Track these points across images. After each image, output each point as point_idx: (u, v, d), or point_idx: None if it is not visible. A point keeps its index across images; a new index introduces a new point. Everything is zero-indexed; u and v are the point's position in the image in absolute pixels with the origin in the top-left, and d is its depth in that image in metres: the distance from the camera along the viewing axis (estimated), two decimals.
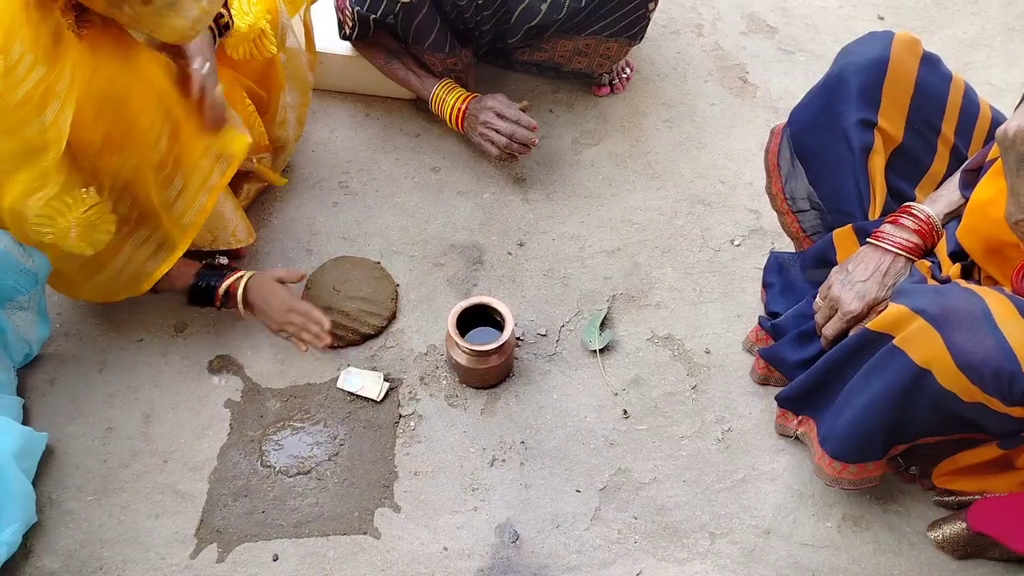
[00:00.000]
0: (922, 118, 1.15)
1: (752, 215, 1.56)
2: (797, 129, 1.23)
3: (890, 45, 1.11)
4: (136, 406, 1.30)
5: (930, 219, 1.11)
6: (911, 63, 1.12)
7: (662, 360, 1.39)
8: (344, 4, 1.45)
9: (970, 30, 1.87)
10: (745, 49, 1.81)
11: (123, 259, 1.21)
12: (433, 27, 1.45)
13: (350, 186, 1.57)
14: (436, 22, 1.44)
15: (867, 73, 1.12)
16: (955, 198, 1.11)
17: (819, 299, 1.17)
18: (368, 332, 1.38)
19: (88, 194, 1.08)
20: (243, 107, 1.34)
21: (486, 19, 1.49)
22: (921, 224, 1.11)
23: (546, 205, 1.57)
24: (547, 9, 1.43)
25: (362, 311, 1.39)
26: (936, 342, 0.95)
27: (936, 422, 1.05)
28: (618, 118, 1.68)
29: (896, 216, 1.13)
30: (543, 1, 1.42)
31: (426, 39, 1.46)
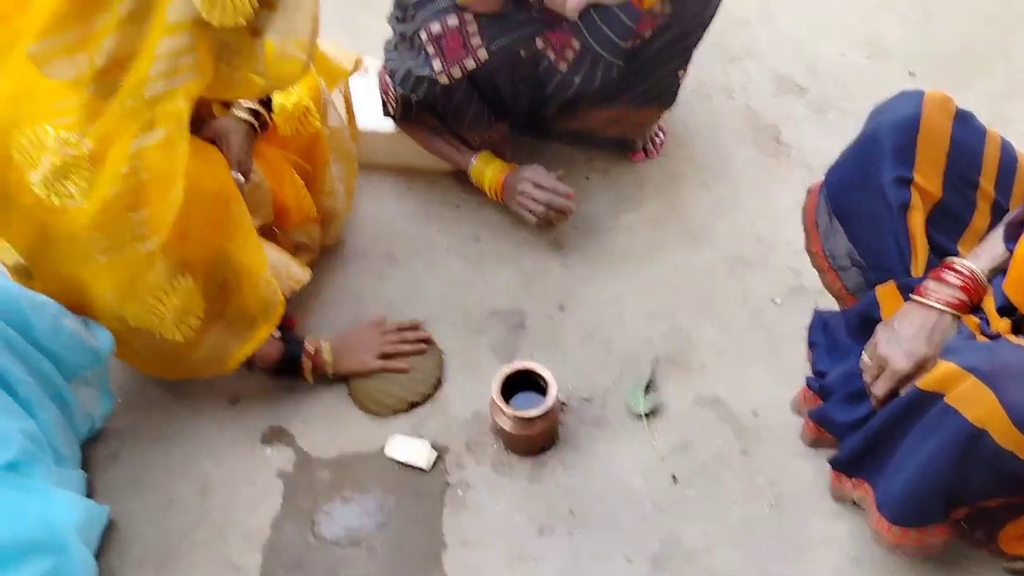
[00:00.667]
0: (959, 174, 1.15)
1: (793, 273, 1.56)
2: (834, 188, 1.24)
3: (921, 103, 1.13)
4: (193, 478, 1.34)
5: (974, 274, 1.10)
6: (944, 120, 1.13)
7: (709, 423, 1.38)
8: (388, 87, 1.53)
9: (1002, 82, 1.88)
10: (776, 110, 1.84)
11: (210, 343, 1.25)
12: (471, 105, 1.51)
13: (395, 257, 1.62)
14: (473, 100, 1.51)
15: (900, 132, 1.13)
16: (999, 251, 1.11)
17: (866, 358, 1.16)
18: (415, 400, 1.40)
19: (184, 281, 1.14)
20: (292, 182, 1.41)
21: (522, 94, 1.56)
22: (965, 279, 1.10)
23: (585, 269, 1.59)
24: (580, 82, 1.48)
25: (409, 379, 1.42)
26: (990, 400, 0.94)
27: (996, 483, 1.02)
28: (654, 182, 1.72)
29: (939, 272, 1.12)
30: (576, 75, 1.48)
31: (465, 116, 1.52)
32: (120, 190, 1.02)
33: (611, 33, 1.40)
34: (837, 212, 1.24)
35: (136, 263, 1.08)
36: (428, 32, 1.38)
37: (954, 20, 2.02)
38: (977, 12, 2.03)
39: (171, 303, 1.14)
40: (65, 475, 1.25)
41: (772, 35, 1.99)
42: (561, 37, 1.44)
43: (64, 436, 1.26)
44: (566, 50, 1.45)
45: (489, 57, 1.41)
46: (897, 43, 1.98)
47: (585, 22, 1.39)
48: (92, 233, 1.04)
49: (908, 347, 1.10)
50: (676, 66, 1.53)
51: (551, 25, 1.43)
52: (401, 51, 1.48)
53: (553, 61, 1.47)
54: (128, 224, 1.05)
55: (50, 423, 1.22)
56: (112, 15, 0.95)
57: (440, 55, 1.40)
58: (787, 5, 2.07)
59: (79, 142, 1.00)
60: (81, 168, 1.01)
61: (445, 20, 1.38)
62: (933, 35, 1.99)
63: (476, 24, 1.38)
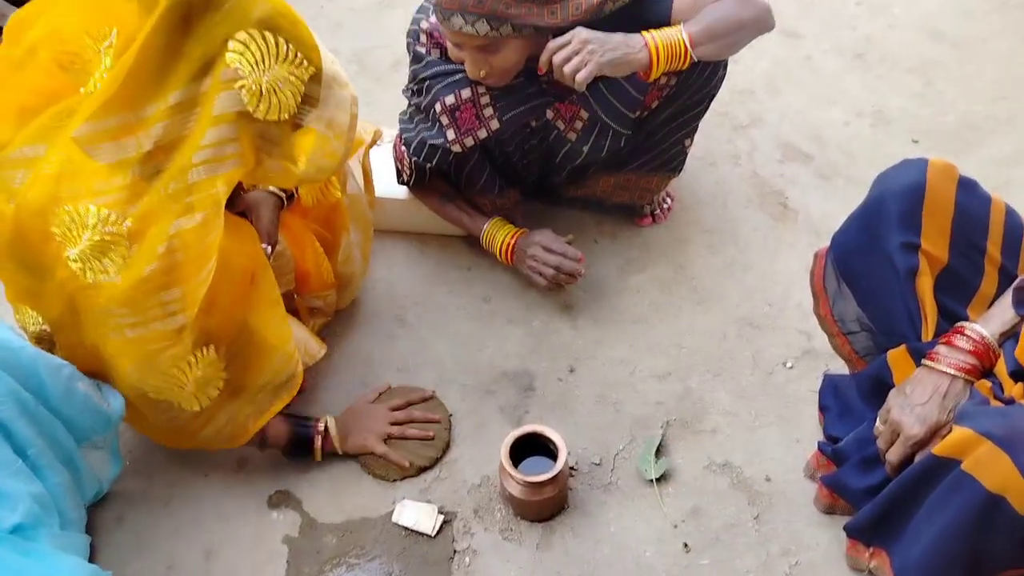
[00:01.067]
0: (966, 240, 1.15)
1: (803, 336, 1.55)
2: (840, 253, 1.25)
3: (925, 171, 1.14)
4: (198, 542, 1.32)
5: (984, 339, 1.09)
6: (948, 187, 1.15)
7: (721, 488, 1.35)
8: (402, 155, 1.58)
9: (1005, 149, 1.91)
10: (783, 176, 1.87)
11: (225, 416, 1.24)
12: (483, 172, 1.56)
13: (405, 319, 1.64)
14: (486, 167, 1.55)
15: (905, 198, 1.14)
16: (1008, 317, 1.10)
17: (879, 424, 1.14)
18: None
19: (208, 352, 1.15)
20: (312, 249, 1.44)
21: (532, 162, 1.60)
22: (976, 344, 1.09)
23: (595, 331, 1.60)
24: (589, 150, 1.52)
25: (418, 443, 1.41)
26: (1006, 466, 0.92)
27: (1018, 552, 0.99)
28: (661, 246, 1.74)
29: (949, 337, 1.12)
30: (585, 143, 1.52)
31: (477, 183, 1.56)
32: (155, 269, 1.04)
33: (619, 104, 1.44)
34: (845, 276, 1.24)
35: (163, 338, 1.10)
36: (442, 104, 1.44)
37: (955, 90, 2.07)
38: (978, 82, 2.08)
39: (193, 374, 1.15)
40: (70, 539, 1.24)
41: (777, 105, 2.05)
42: (570, 108, 1.49)
43: (71, 500, 1.25)
44: (575, 120, 1.50)
45: (500, 127, 1.46)
46: (900, 112, 2.02)
47: (593, 94, 1.44)
48: (122, 308, 1.06)
49: (921, 413, 1.09)
50: (683, 135, 1.57)
51: (560, 96, 1.48)
52: (416, 122, 1.53)
53: (563, 131, 1.52)
54: (159, 302, 1.07)
55: (59, 487, 1.21)
56: (163, 103, 0.99)
57: (454, 125, 1.45)
58: (791, 76, 2.13)
59: (120, 221, 1.03)
60: (120, 246, 1.04)
61: (459, 93, 1.43)
62: (935, 104, 2.04)
63: (488, 96, 1.43)
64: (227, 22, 0.97)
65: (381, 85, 2.17)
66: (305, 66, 1.02)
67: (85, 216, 1.02)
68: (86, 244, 1.02)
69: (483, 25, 1.27)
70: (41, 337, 1.16)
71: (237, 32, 0.98)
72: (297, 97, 1.03)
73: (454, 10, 1.28)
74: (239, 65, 0.98)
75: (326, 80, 1.05)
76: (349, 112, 1.09)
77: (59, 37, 1.05)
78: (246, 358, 1.22)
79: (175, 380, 1.14)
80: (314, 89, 1.05)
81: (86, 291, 1.06)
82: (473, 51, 1.34)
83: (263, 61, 0.99)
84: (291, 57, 1.01)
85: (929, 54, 2.16)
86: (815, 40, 2.23)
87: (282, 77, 1.01)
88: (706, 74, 1.45)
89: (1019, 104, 2.01)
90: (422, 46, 1.47)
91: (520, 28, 1.29)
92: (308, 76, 1.03)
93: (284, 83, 1.01)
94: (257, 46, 0.99)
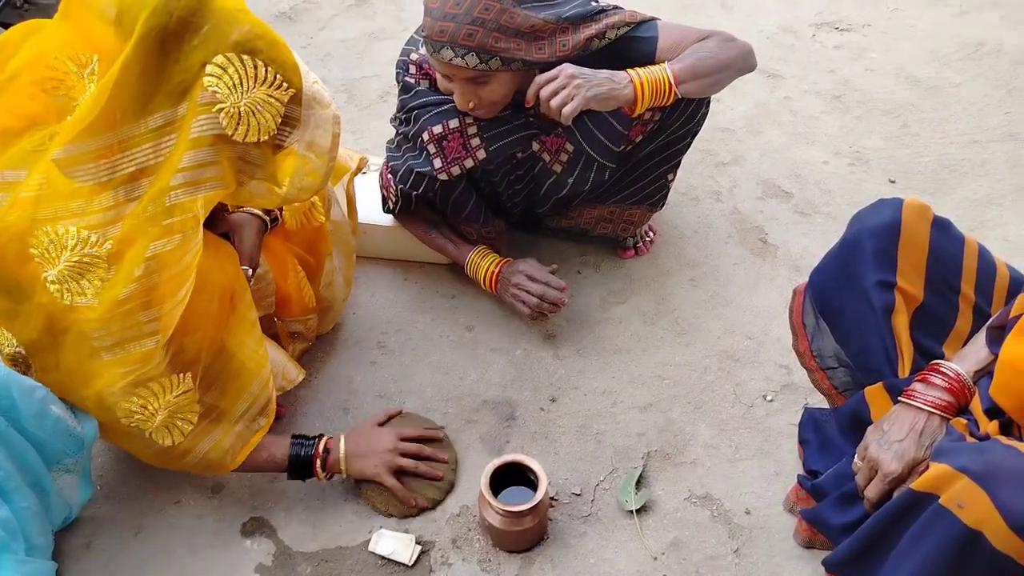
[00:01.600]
0: (940, 278, 1.17)
1: (783, 370, 1.57)
2: (818, 290, 1.26)
3: (900, 210, 1.16)
4: (169, 571, 1.29)
5: (960, 376, 1.11)
6: (923, 227, 1.17)
7: (701, 521, 1.35)
8: (388, 182, 1.59)
9: (980, 191, 1.96)
10: (763, 212, 1.90)
11: (205, 447, 1.22)
12: (469, 201, 1.57)
13: (387, 346, 1.63)
14: (472, 196, 1.57)
15: (881, 237, 1.16)
16: (983, 355, 1.12)
17: (857, 460, 1.15)
18: (425, 506, 1.36)
19: (183, 380, 1.13)
20: (294, 273, 1.44)
21: (517, 192, 1.62)
22: (951, 382, 1.11)
23: (577, 361, 1.60)
24: (573, 182, 1.54)
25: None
26: (983, 501, 0.92)
27: None
28: (644, 278, 1.76)
29: (925, 375, 1.13)
30: (570, 175, 1.54)
31: (462, 211, 1.58)
32: (132, 291, 1.04)
33: (603, 138, 1.47)
34: (823, 313, 1.26)
35: (139, 359, 1.08)
36: (430, 132, 1.45)
37: (931, 132, 2.13)
38: (952, 126, 2.14)
39: (165, 399, 1.12)
40: (35, 566, 1.20)
41: (758, 143, 2.09)
42: (556, 141, 1.51)
43: (39, 525, 1.22)
44: (560, 153, 1.52)
45: (487, 157, 1.48)
46: (877, 152, 2.07)
47: (579, 127, 1.46)
48: (99, 330, 1.05)
49: (899, 450, 1.10)
50: (666, 170, 1.60)
51: (546, 129, 1.51)
52: (403, 150, 1.55)
53: (548, 163, 1.54)
54: (135, 322, 1.06)
55: (25, 511, 1.18)
56: (143, 126, 1.00)
57: (441, 154, 1.47)
58: (771, 116, 2.18)
59: (101, 243, 1.02)
60: (99, 268, 1.03)
61: (447, 122, 1.45)
62: (911, 146, 2.09)
63: (476, 127, 1.45)
64: (204, 46, 0.98)
65: (369, 114, 2.19)
66: (284, 88, 1.03)
67: (64, 237, 1.02)
68: (64, 266, 1.02)
69: (473, 58, 1.30)
70: (16, 359, 1.14)
71: (214, 56, 0.98)
72: (277, 119, 1.03)
73: (444, 43, 1.30)
74: (216, 88, 0.99)
75: (306, 101, 1.06)
76: (331, 132, 1.10)
77: (43, 63, 1.06)
78: (223, 384, 1.21)
79: (146, 404, 1.11)
80: (294, 110, 1.05)
81: (64, 313, 1.05)
82: (463, 83, 1.36)
83: (241, 84, 1.00)
84: (270, 79, 1.01)
85: (905, 98, 2.23)
86: (795, 82, 2.29)
87: (261, 99, 1.01)
88: (689, 111, 1.48)
89: (991, 148, 2.07)
90: (411, 76, 1.49)
91: (509, 62, 1.32)
92: (288, 98, 1.04)
93: (263, 105, 1.02)
94: (235, 69, 0.99)
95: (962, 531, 0.94)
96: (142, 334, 1.06)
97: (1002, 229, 1.86)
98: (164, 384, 1.12)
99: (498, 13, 1.29)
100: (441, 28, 1.29)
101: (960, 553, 0.96)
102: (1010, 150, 2.06)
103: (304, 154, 1.07)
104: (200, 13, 0.98)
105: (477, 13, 1.28)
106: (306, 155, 1.07)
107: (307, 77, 1.06)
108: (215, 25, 0.98)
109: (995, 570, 0.95)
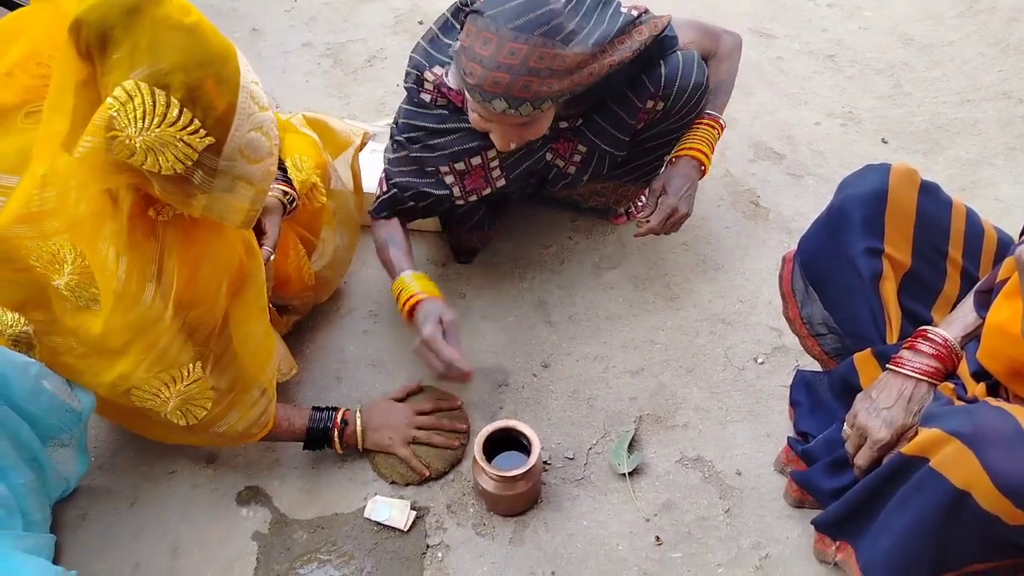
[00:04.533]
0: (928, 244, 1.17)
1: (774, 333, 1.57)
2: (806, 257, 1.26)
3: (887, 176, 1.15)
4: (164, 540, 1.30)
5: (947, 342, 1.11)
6: (910, 193, 1.16)
7: (693, 483, 1.36)
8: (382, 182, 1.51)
9: (972, 150, 1.95)
10: (755, 175, 1.89)
11: (227, 423, 1.21)
12: (477, 213, 1.56)
13: (380, 315, 1.63)
14: (481, 208, 1.55)
15: (868, 204, 1.15)
16: (971, 320, 1.12)
17: (847, 428, 1.16)
18: (432, 476, 1.36)
19: (194, 368, 1.12)
20: (295, 252, 1.43)
21: (526, 193, 1.61)
22: (939, 348, 1.11)
23: (569, 327, 1.60)
24: (588, 179, 1.53)
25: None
26: (972, 463, 0.93)
27: (982, 547, 1.01)
28: (635, 243, 1.75)
29: (913, 341, 1.13)
30: (584, 173, 1.52)
31: (469, 221, 1.57)
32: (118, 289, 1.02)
33: (613, 130, 1.44)
34: (811, 280, 1.26)
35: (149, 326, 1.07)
36: (451, 168, 1.42)
37: (924, 92, 2.11)
38: (945, 85, 2.12)
39: (176, 389, 1.11)
40: (34, 540, 1.21)
41: (750, 105, 2.07)
42: (567, 145, 1.47)
43: (36, 500, 1.22)
44: (573, 155, 1.49)
45: (507, 184, 1.46)
46: (869, 113, 2.05)
47: (589, 125, 1.43)
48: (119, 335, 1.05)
49: (888, 417, 1.10)
50: (664, 152, 1.58)
51: (555, 137, 1.46)
52: (412, 170, 1.46)
53: (562, 168, 1.51)
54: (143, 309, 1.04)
55: (22, 487, 1.18)
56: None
57: (459, 184, 1.44)
58: (764, 77, 2.15)
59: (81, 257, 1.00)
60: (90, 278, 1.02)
61: (468, 160, 1.41)
62: (904, 105, 2.07)
63: (497, 160, 1.42)
64: (119, 68, 0.87)
65: (355, 79, 2.15)
66: (201, 135, 0.91)
67: (63, 252, 1.00)
68: (67, 278, 1.01)
69: (527, 108, 1.22)
70: (19, 339, 1.13)
71: (125, 81, 0.87)
72: (187, 162, 0.92)
73: (498, 95, 1.19)
74: (115, 115, 0.88)
75: (229, 154, 0.94)
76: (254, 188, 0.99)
77: (36, 59, 1.02)
78: (235, 373, 1.20)
79: (158, 392, 1.11)
80: (210, 160, 0.93)
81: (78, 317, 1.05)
82: (509, 128, 1.28)
83: (143, 119, 0.88)
84: (183, 123, 0.89)
85: (898, 56, 2.20)
86: (787, 41, 2.26)
87: (167, 140, 0.90)
88: (693, 101, 1.46)
89: (984, 107, 2.05)
90: (427, 93, 1.40)
91: (557, 99, 1.24)
92: (204, 146, 0.92)
93: (167, 147, 0.90)
94: (142, 101, 0.87)
95: (951, 492, 0.96)
96: (153, 318, 1.05)
97: (994, 188, 1.85)
98: (173, 374, 1.10)
99: (551, 60, 1.18)
100: (495, 80, 1.18)
101: (948, 513, 0.97)
102: (1002, 109, 2.04)
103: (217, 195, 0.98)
104: (124, 28, 0.86)
105: (532, 63, 1.17)
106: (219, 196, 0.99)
107: (245, 123, 0.94)
108: (137, 44, 0.87)
109: (982, 529, 0.96)
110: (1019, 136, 1.97)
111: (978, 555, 1.03)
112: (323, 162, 1.42)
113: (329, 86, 2.14)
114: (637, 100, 1.42)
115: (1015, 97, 2.07)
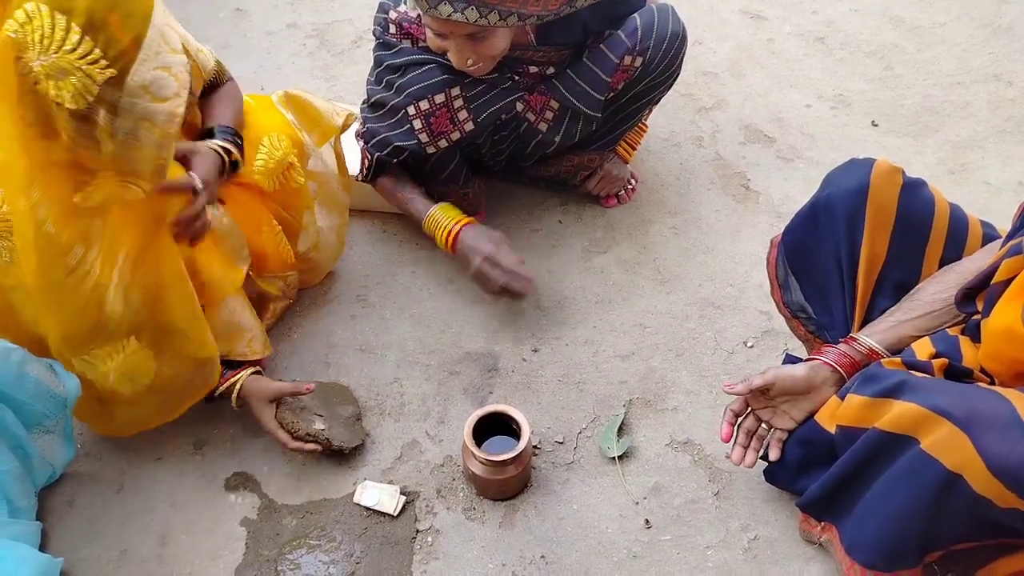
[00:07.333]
0: (907, 241, 1.18)
1: (763, 317, 1.57)
2: (789, 248, 1.28)
3: (870, 173, 1.16)
4: (152, 527, 1.29)
5: (867, 350, 1.13)
6: (891, 191, 1.17)
7: (682, 466, 1.37)
8: (365, 152, 1.52)
9: (962, 133, 1.95)
10: (745, 158, 1.88)
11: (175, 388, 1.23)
12: (450, 163, 1.54)
13: (368, 299, 1.61)
14: (454, 158, 1.53)
15: (849, 201, 1.17)
16: (887, 324, 1.14)
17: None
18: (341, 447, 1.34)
19: (128, 343, 1.12)
20: (269, 228, 1.40)
21: (501, 151, 1.59)
22: (843, 356, 1.14)
23: (558, 311, 1.60)
24: (561, 139, 1.52)
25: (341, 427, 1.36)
26: (966, 446, 0.93)
27: (971, 528, 1.02)
28: (625, 226, 1.74)
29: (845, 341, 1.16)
30: (556, 133, 1.51)
31: (442, 173, 1.55)
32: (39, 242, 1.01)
33: (589, 88, 1.43)
34: (793, 270, 1.28)
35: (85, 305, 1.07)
36: (416, 108, 1.41)
37: (914, 74, 2.10)
38: (935, 67, 2.12)
39: (114, 362, 1.13)
40: (19, 527, 1.20)
41: (740, 87, 2.06)
42: (540, 99, 1.47)
43: (21, 487, 1.21)
44: (545, 111, 1.48)
45: (475, 128, 1.45)
46: (860, 95, 2.05)
47: (563, 80, 1.43)
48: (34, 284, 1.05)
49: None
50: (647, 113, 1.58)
51: (530, 88, 1.46)
52: (382, 117, 1.47)
53: (533, 122, 1.50)
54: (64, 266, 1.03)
55: (6, 475, 1.17)
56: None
57: (427, 130, 1.43)
58: (754, 59, 2.14)
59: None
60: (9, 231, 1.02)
61: (432, 98, 1.40)
62: (894, 88, 2.07)
63: (462, 99, 1.41)
64: None
65: (342, 61, 2.12)
66: (102, 66, 0.89)
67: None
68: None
69: (472, 12, 1.22)
70: None
71: (27, 3, 0.86)
72: (87, 96, 0.90)
73: None
74: (13, 35, 0.86)
75: (132, 89, 0.92)
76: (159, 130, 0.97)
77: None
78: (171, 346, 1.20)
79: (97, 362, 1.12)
80: (111, 94, 0.91)
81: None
82: (460, 40, 1.30)
83: (41, 42, 0.87)
84: (83, 51, 0.88)
85: (889, 38, 2.20)
86: (778, 23, 2.24)
87: (64, 67, 0.88)
88: (672, 53, 1.45)
89: (974, 90, 2.05)
90: (392, 36, 1.43)
91: (506, 16, 1.25)
92: (104, 79, 0.89)
93: (67, 75, 0.88)
94: (40, 24, 0.86)
95: (943, 474, 0.96)
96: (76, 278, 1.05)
97: (983, 172, 1.85)
98: (108, 349, 1.12)
99: None
100: None
101: (939, 496, 0.97)
102: (993, 91, 2.04)
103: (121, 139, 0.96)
104: None
105: None
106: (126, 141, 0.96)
107: (151, 60, 0.92)
108: None
109: (971, 510, 0.97)
110: (1009, 119, 1.97)
111: (965, 535, 1.04)
112: (300, 142, 1.39)
113: (315, 67, 2.11)
114: (613, 55, 1.42)
115: (1005, 79, 2.07)
